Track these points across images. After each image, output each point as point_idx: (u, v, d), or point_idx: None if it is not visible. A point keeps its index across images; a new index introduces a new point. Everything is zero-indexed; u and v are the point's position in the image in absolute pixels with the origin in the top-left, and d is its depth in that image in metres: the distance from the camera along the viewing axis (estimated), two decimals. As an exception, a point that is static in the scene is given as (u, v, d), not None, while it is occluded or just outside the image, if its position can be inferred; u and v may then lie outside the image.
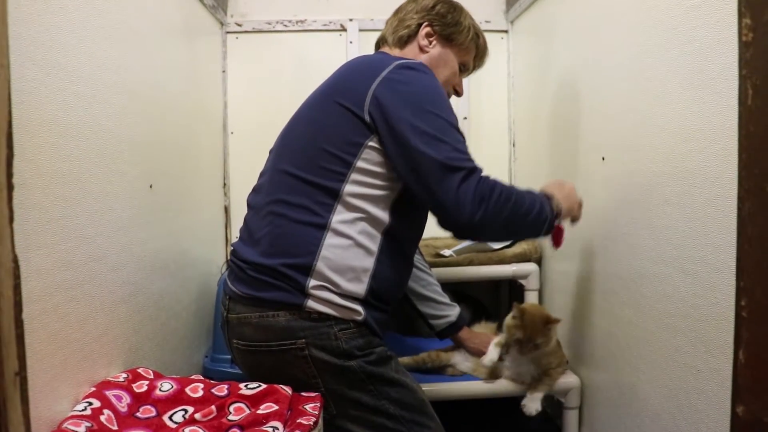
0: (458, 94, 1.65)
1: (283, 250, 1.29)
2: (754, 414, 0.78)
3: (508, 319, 1.66)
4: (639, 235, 1.41)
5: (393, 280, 1.38)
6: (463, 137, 1.30)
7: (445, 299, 1.85)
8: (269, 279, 1.29)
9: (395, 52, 1.57)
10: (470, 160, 1.26)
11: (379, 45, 1.64)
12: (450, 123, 1.29)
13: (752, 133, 0.73)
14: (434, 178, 1.23)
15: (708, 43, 1.11)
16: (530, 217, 1.30)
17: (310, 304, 1.27)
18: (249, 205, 1.45)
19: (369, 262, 1.32)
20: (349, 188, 1.30)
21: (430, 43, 1.55)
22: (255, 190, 1.46)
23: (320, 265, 1.28)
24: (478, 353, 1.77)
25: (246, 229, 1.42)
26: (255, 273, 1.31)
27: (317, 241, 1.28)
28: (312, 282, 1.27)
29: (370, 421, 1.31)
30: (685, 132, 1.20)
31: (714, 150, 1.10)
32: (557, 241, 1.46)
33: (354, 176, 1.30)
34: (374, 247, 1.33)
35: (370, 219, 1.32)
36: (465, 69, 1.63)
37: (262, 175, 1.47)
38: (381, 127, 1.28)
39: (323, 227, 1.29)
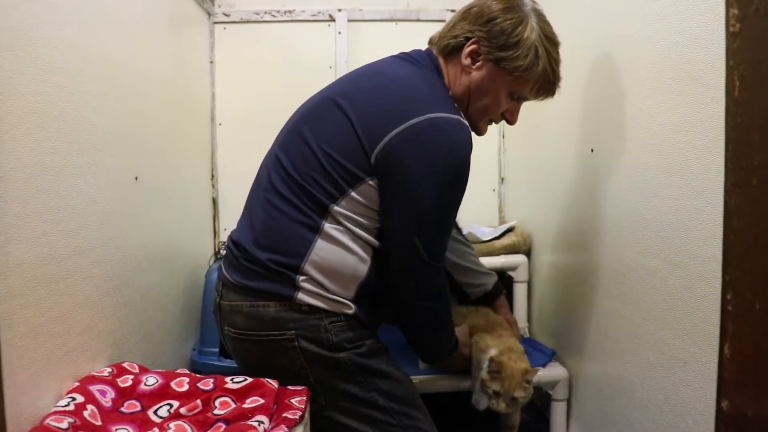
0: (509, 122, 1.44)
1: (273, 246, 1.28)
2: (738, 408, 0.78)
3: (484, 374, 1.54)
4: (627, 227, 1.40)
5: (383, 286, 1.36)
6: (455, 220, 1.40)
7: (482, 268, 1.81)
8: (260, 269, 1.28)
9: (441, 60, 1.38)
10: (444, 254, 1.36)
11: (431, 41, 1.44)
12: (452, 211, 1.33)
13: (739, 124, 0.73)
14: (408, 259, 1.31)
15: (696, 35, 1.10)
16: (437, 340, 1.51)
17: (301, 296, 1.27)
18: (249, 193, 1.43)
19: (362, 270, 1.31)
20: (338, 209, 1.27)
21: (474, 63, 1.33)
22: (261, 165, 1.43)
23: (307, 267, 1.27)
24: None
25: (248, 204, 1.41)
26: (247, 262, 1.30)
27: (308, 243, 1.27)
28: (301, 277, 1.27)
29: (360, 412, 1.31)
30: (673, 124, 1.19)
31: (702, 142, 1.09)
32: None
33: (344, 202, 1.27)
34: (367, 255, 1.32)
35: (361, 233, 1.30)
36: (519, 98, 1.40)
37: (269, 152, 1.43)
38: (383, 178, 1.25)
39: (315, 230, 1.27)
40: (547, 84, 1.37)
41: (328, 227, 1.27)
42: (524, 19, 1.30)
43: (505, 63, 1.30)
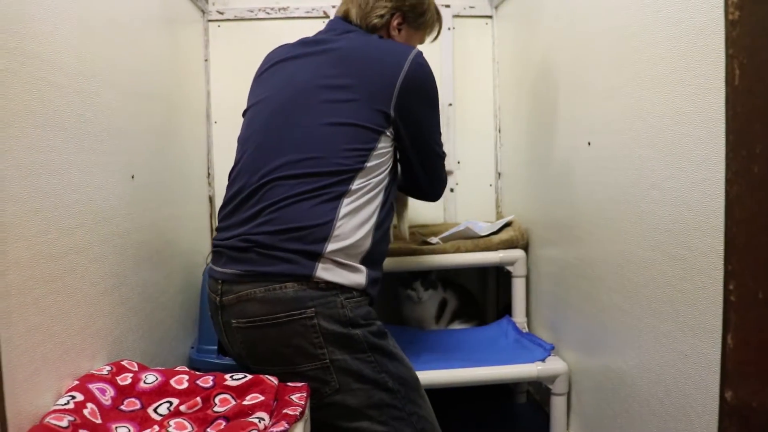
0: None
1: (293, 233, 1.30)
2: (742, 399, 0.78)
3: None
4: (625, 220, 1.40)
5: (385, 231, 1.46)
6: None
7: None
8: (277, 253, 1.29)
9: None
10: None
11: (347, 17, 1.60)
12: (439, 116, 1.56)
13: (739, 113, 0.72)
14: (437, 171, 1.61)
15: (694, 25, 1.10)
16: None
17: (319, 273, 1.29)
18: (235, 191, 1.42)
19: (370, 225, 1.38)
20: (369, 164, 1.37)
21: (399, 31, 1.62)
22: (236, 175, 1.45)
23: (331, 244, 1.31)
24: None
25: (239, 202, 1.39)
26: (261, 249, 1.30)
27: (332, 215, 1.32)
28: (323, 254, 1.30)
29: (370, 395, 1.33)
30: (671, 115, 1.19)
31: (700, 133, 1.09)
32: None
33: (373, 158, 1.38)
34: (376, 207, 1.40)
35: (374, 186, 1.39)
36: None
37: (238, 161, 1.48)
38: (402, 123, 1.43)
39: (337, 203, 1.33)
40: (439, 32, 1.77)
41: (345, 204, 1.33)
42: None
43: (422, 25, 1.67)
